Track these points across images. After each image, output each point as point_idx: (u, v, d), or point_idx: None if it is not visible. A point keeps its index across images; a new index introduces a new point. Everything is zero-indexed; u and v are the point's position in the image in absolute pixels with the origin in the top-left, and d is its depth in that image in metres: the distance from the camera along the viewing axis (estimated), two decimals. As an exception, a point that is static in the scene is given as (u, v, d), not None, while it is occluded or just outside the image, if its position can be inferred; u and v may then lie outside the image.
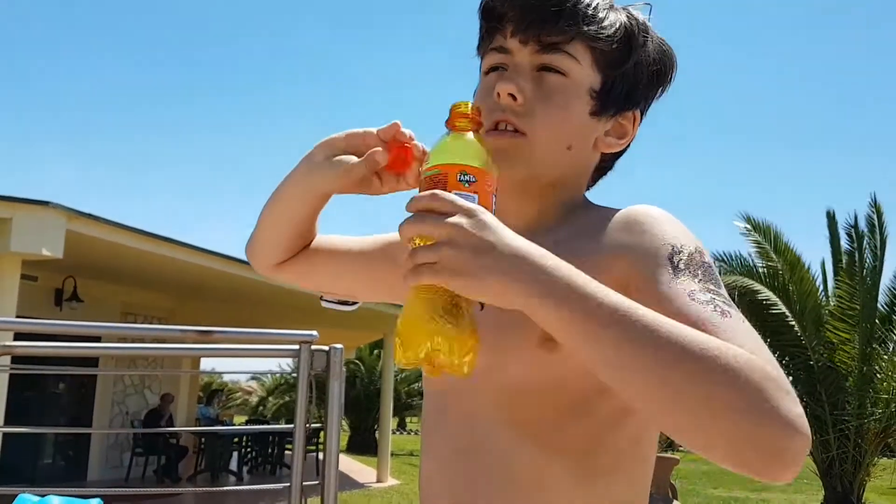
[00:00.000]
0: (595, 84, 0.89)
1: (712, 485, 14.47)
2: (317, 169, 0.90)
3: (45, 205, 6.71)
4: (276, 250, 1.04)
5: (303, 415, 2.65)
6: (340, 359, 2.68)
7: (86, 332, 2.92)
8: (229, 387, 30.61)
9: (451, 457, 0.89)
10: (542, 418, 0.83)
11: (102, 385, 10.91)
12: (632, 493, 0.85)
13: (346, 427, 21.66)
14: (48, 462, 10.46)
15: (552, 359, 0.81)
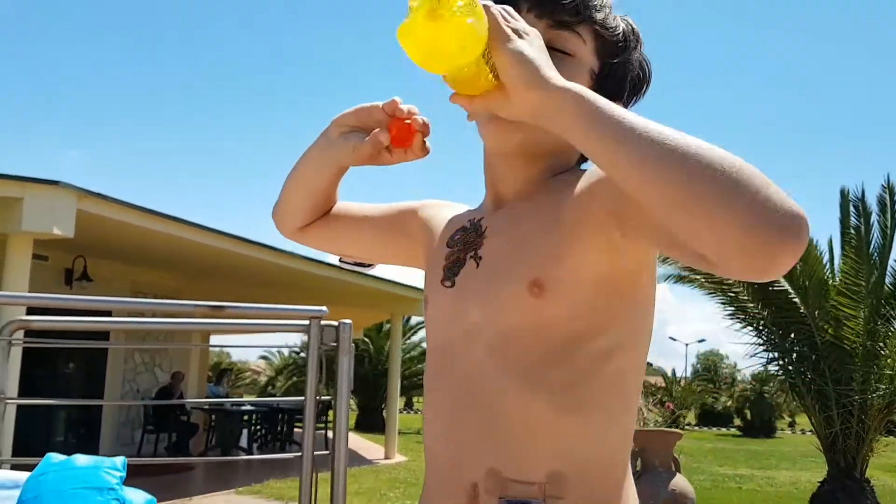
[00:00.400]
0: (595, 68, 0.97)
1: (717, 462, 14.58)
2: (331, 144, 1.00)
3: (56, 184, 6.76)
4: (298, 215, 1.14)
5: (313, 388, 2.70)
6: (349, 334, 2.73)
7: (97, 307, 2.97)
8: (238, 367, 30.80)
9: (449, 404, 0.95)
10: (529, 360, 0.89)
11: (113, 363, 11.03)
12: (610, 427, 0.91)
13: (354, 406, 21.82)
14: (60, 439, 10.60)
15: (539, 303, 0.88)
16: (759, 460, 15.57)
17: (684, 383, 29.62)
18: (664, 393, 20.81)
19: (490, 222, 0.99)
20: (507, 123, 0.91)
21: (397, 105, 0.94)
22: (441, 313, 1.00)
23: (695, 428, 27.06)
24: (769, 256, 0.67)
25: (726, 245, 0.68)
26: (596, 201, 0.87)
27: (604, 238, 0.87)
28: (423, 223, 1.13)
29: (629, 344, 0.92)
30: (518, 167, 0.98)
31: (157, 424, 11.16)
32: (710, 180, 0.67)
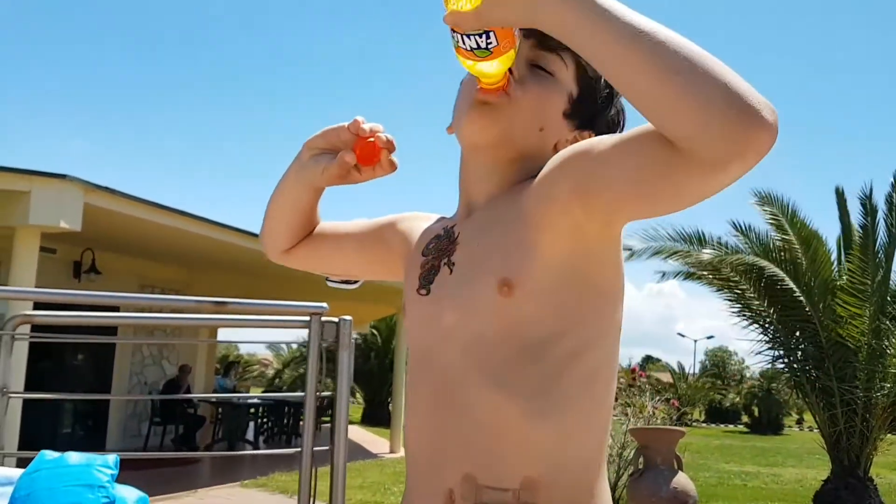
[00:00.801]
0: (573, 92, 1.01)
1: (724, 459, 14.57)
2: (304, 167, 1.05)
3: (63, 178, 6.80)
4: (282, 238, 1.19)
5: (313, 384, 2.72)
6: (349, 330, 2.75)
7: (102, 302, 3.00)
8: (246, 359, 30.93)
9: (426, 408, 0.97)
10: (500, 363, 0.91)
11: (121, 356, 11.10)
12: (582, 429, 0.92)
13: (361, 399, 21.88)
14: (67, 431, 10.69)
15: (508, 303, 0.90)
16: (765, 457, 15.54)
17: (692, 380, 29.54)
18: (671, 390, 20.78)
19: (462, 228, 1.01)
20: (487, 112, 0.95)
21: (360, 125, 0.98)
22: (418, 321, 1.02)
23: (702, 424, 27.02)
24: (751, 130, 0.70)
25: (711, 119, 0.70)
26: (557, 185, 0.88)
27: (568, 222, 0.87)
28: (401, 235, 1.15)
29: (598, 341, 0.93)
30: (491, 169, 1.00)
31: (165, 417, 11.23)
32: (695, 60, 0.72)
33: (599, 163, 0.83)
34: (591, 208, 0.85)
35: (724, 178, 0.75)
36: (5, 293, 4.28)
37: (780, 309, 7.54)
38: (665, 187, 0.78)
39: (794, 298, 7.43)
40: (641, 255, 8.22)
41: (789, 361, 7.88)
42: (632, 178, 0.80)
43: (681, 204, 0.81)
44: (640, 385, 8.19)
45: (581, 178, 0.85)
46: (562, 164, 0.89)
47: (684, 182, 0.76)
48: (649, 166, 0.78)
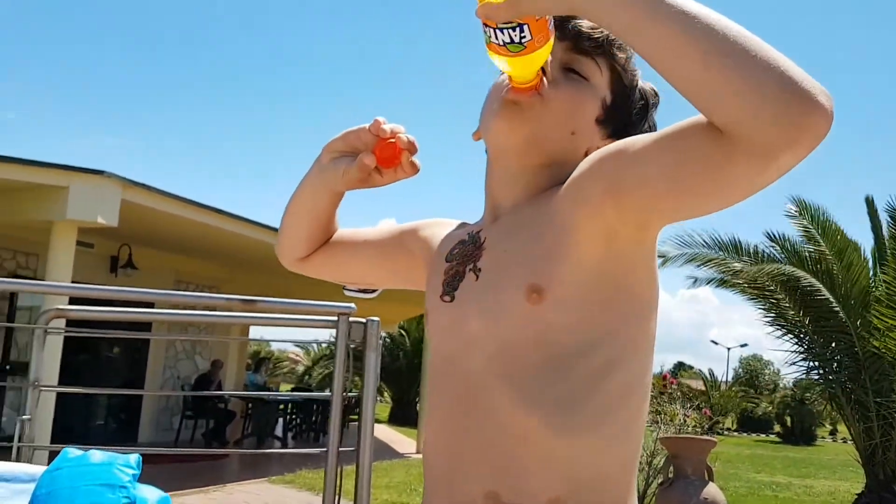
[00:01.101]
0: (607, 99, 0.98)
1: (755, 469, 14.34)
2: (323, 171, 1.02)
3: (101, 174, 6.92)
4: (299, 245, 1.16)
5: (340, 384, 2.73)
6: (377, 331, 2.75)
7: (134, 297, 3.04)
8: (276, 355, 31.22)
9: (448, 415, 0.94)
10: (528, 374, 0.87)
11: (155, 350, 11.26)
12: (612, 448, 0.88)
13: (389, 398, 21.94)
14: (100, 423, 10.88)
15: (537, 311, 0.86)
16: (797, 468, 15.27)
17: (724, 388, 29.14)
18: (703, 398, 20.52)
19: (489, 234, 0.98)
20: (518, 112, 0.92)
21: (380, 125, 0.94)
22: (441, 328, 0.99)
23: (733, 433, 26.64)
24: (806, 114, 0.67)
25: (765, 101, 0.67)
26: (590, 186, 0.85)
27: (601, 226, 0.85)
28: (423, 242, 1.12)
29: (632, 354, 0.89)
30: (519, 173, 0.97)
31: (196, 411, 11.36)
32: (746, 42, 0.69)
33: (635, 160, 0.80)
34: (626, 209, 0.82)
35: (773, 169, 0.71)
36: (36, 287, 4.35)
37: (816, 319, 7.40)
38: (707, 181, 0.75)
39: (830, 309, 7.28)
40: (675, 261, 8.11)
41: (824, 373, 7.72)
42: (670, 174, 0.77)
43: (723, 200, 0.77)
44: (672, 392, 8.07)
45: (615, 178, 0.82)
46: (595, 165, 0.86)
47: (730, 175, 0.73)
48: (691, 160, 0.75)
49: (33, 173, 6.68)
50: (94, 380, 10.11)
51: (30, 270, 9.26)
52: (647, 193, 0.80)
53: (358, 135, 0.97)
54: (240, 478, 8.45)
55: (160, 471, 8.08)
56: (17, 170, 6.58)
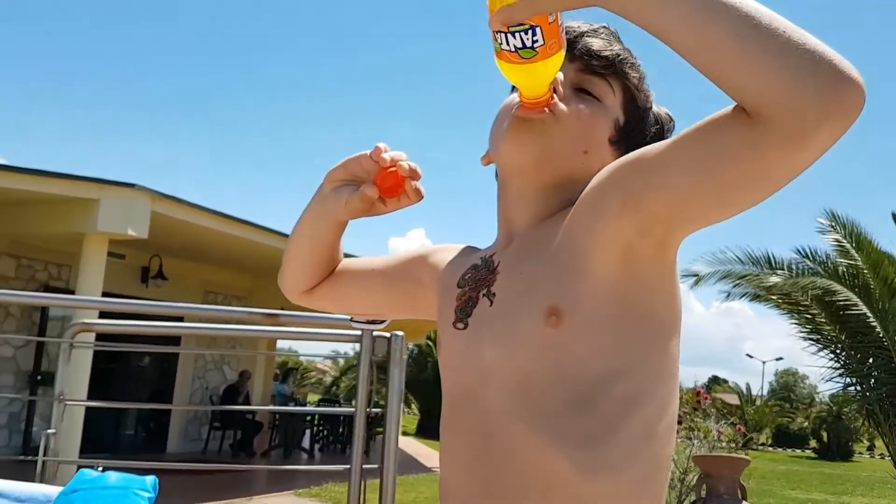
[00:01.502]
0: (620, 119, 0.95)
1: (790, 486, 14.03)
2: (326, 200, 0.98)
3: (131, 187, 7.00)
4: (303, 277, 1.12)
5: (363, 399, 2.69)
6: (401, 346, 2.71)
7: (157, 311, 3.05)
8: (304, 366, 31.35)
9: (465, 455, 0.89)
10: (548, 407, 0.82)
11: (184, 361, 11.35)
12: (639, 488, 0.83)
13: (417, 411, 21.88)
14: (130, 433, 10.97)
15: (557, 335, 0.81)
16: (833, 485, 14.91)
17: (760, 402, 28.66)
18: (738, 413, 20.19)
19: (502, 257, 0.94)
20: (528, 129, 0.89)
21: (381, 154, 0.91)
22: (455, 357, 0.94)
23: (768, 449, 26.17)
24: (839, 89, 0.65)
25: (797, 77, 0.65)
26: (606, 199, 0.81)
27: (619, 242, 0.81)
28: (431, 269, 1.08)
29: (654, 383, 0.83)
30: (532, 194, 0.93)
31: (224, 422, 11.41)
32: (775, 21, 0.67)
33: (654, 165, 0.77)
34: (646, 219, 0.78)
35: (811, 148, 0.68)
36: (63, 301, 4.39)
37: (853, 335, 7.21)
38: (741, 171, 0.71)
39: (866, 324, 7.10)
40: (709, 279, 7.97)
41: (862, 388, 7.51)
42: (698, 170, 0.73)
43: (759, 191, 0.73)
44: (705, 408, 7.91)
45: (633, 188, 0.78)
46: (610, 177, 0.82)
47: (766, 160, 0.69)
48: (719, 152, 0.72)
49: (65, 186, 6.77)
50: (125, 390, 10.22)
51: (62, 282, 9.39)
52: (671, 197, 0.76)
53: (359, 162, 0.93)
54: (266, 490, 8.45)
55: (189, 481, 8.11)
56: (50, 182, 6.67)
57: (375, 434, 8.97)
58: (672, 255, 0.84)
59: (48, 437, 2.64)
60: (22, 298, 6.51)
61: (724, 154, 0.71)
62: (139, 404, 11.36)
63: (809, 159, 0.69)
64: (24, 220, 7.54)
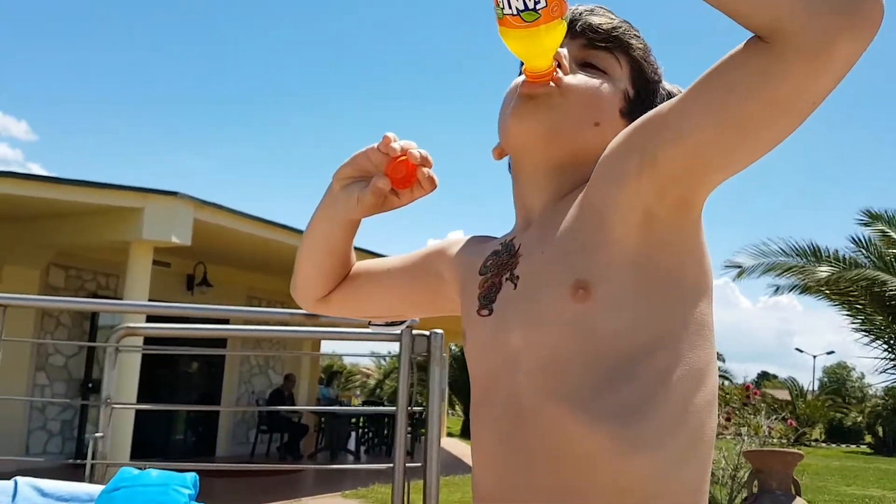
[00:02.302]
0: (629, 91, 0.92)
1: (845, 482, 13.67)
2: (336, 200, 0.96)
3: (174, 195, 7.12)
4: (318, 284, 1.09)
5: (404, 398, 2.69)
6: (441, 344, 2.70)
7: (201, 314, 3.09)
8: (348, 369, 31.59)
9: (496, 443, 0.87)
10: (581, 384, 0.79)
11: (230, 365, 11.52)
12: (683, 462, 0.79)
13: (460, 412, 21.88)
14: (180, 438, 11.17)
15: (585, 310, 0.79)
16: (891, 480, 14.49)
17: (811, 397, 28.04)
18: (788, 408, 19.76)
19: (523, 240, 0.91)
20: (535, 105, 0.87)
21: (389, 143, 0.88)
22: (481, 345, 0.92)
23: (821, 444, 25.57)
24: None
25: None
26: (622, 162, 0.79)
27: (638, 207, 0.78)
28: (451, 261, 1.05)
29: (689, 353, 0.80)
30: (546, 174, 0.91)
31: (271, 425, 11.55)
32: None
33: (668, 120, 0.75)
34: (666, 178, 0.76)
35: (833, 65, 0.65)
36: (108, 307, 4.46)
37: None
38: (764, 101, 0.68)
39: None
40: (753, 272, 7.81)
41: (919, 380, 7.29)
42: (711, 112, 0.71)
43: (785, 120, 0.71)
44: (755, 404, 7.75)
45: (649, 146, 0.76)
46: (624, 140, 0.80)
47: (787, 83, 0.67)
48: (732, 88, 0.69)
49: (110, 196, 6.92)
50: (173, 395, 10.40)
51: (110, 290, 9.60)
52: (689, 148, 0.74)
53: (367, 156, 0.91)
54: (314, 492, 8.52)
55: (237, 483, 8.20)
56: (95, 193, 6.82)
57: (420, 435, 8.99)
58: (696, 214, 0.81)
59: (96, 441, 2.68)
60: (67, 304, 6.67)
61: (742, 87, 0.69)
62: (184, 406, 11.56)
63: (831, 79, 0.66)
64: (71, 231, 7.73)
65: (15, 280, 8.08)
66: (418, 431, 12.05)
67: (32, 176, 7.28)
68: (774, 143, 0.73)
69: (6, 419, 8.15)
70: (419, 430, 12.01)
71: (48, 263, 8.74)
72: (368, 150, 0.91)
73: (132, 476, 1.31)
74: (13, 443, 8.25)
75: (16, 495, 1.39)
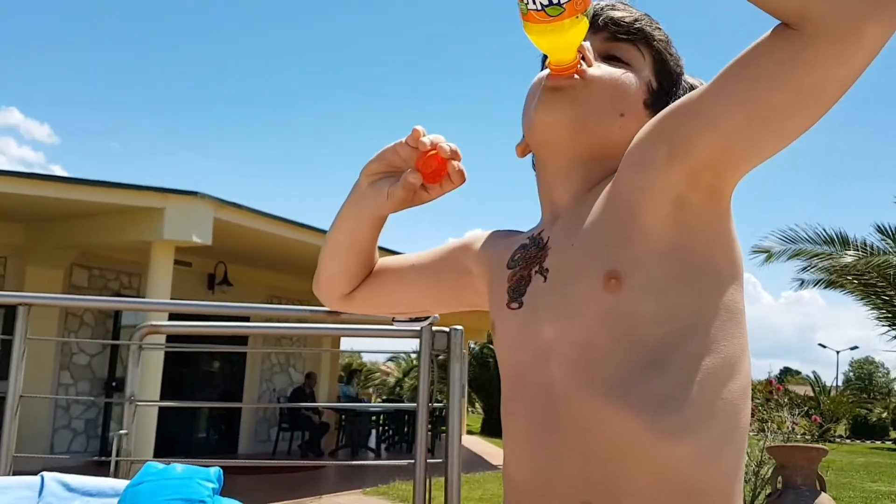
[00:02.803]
0: (653, 83, 0.92)
1: (870, 478, 13.49)
2: (364, 196, 0.96)
3: (194, 195, 7.17)
4: (343, 281, 1.09)
5: (425, 394, 2.69)
6: (461, 340, 2.70)
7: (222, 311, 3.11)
8: (368, 367, 31.68)
9: (529, 435, 0.86)
10: (617, 373, 0.78)
11: (251, 363, 11.60)
12: (721, 449, 0.79)
13: (480, 410, 21.87)
14: (202, 436, 11.26)
15: (617, 300, 0.79)
16: (919, 478, 14.29)
17: (835, 393, 27.74)
18: (812, 404, 19.54)
19: (551, 233, 0.91)
20: (559, 96, 0.87)
21: (419, 137, 0.88)
22: (511, 338, 0.91)
23: (846, 440, 25.29)
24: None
25: None
26: (651, 151, 0.79)
27: (667, 194, 0.78)
28: (478, 255, 1.05)
29: (722, 340, 0.80)
30: (572, 166, 0.91)
31: (292, 423, 11.61)
32: None
33: (696, 108, 0.75)
34: (695, 166, 0.76)
35: (857, 51, 0.65)
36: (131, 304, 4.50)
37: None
38: (793, 86, 0.68)
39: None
40: (780, 256, 7.75)
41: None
42: (739, 100, 0.71)
43: (804, 114, 0.71)
44: (778, 399, 7.68)
45: (678, 134, 0.76)
46: (652, 129, 0.80)
47: (816, 67, 0.67)
48: (760, 77, 0.69)
49: (131, 196, 6.98)
50: (196, 393, 10.49)
51: (132, 290, 9.69)
52: (718, 136, 0.74)
53: (396, 151, 0.91)
54: (335, 489, 8.55)
55: (260, 481, 8.25)
56: (117, 194, 6.89)
57: (440, 433, 8.99)
58: (726, 202, 0.81)
59: (120, 438, 2.71)
60: (89, 303, 6.73)
61: (770, 75, 0.68)
62: (205, 403, 11.65)
63: (859, 64, 0.66)
64: (93, 232, 7.80)
65: (39, 280, 8.17)
66: (438, 429, 12.06)
67: (55, 177, 7.38)
68: (801, 131, 0.73)
69: (31, 418, 8.25)
70: (439, 427, 12.02)
71: (71, 264, 8.84)
72: (397, 144, 0.91)
73: (157, 470, 1.32)
74: (38, 441, 8.36)
75: (42, 491, 1.40)
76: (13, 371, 2.70)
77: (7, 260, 8.52)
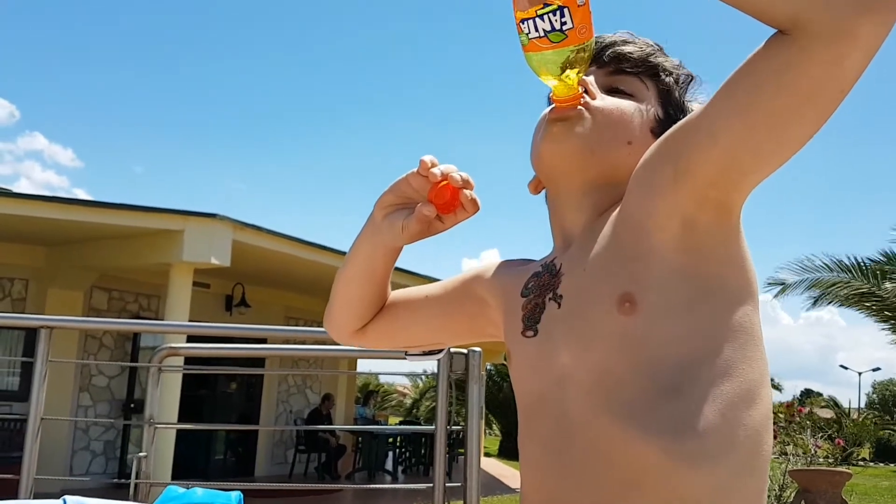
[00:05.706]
0: (660, 114, 0.93)
1: (895, 502, 13.24)
2: (379, 229, 0.96)
3: (213, 217, 7.23)
4: (356, 315, 1.08)
5: (443, 416, 2.68)
6: (479, 362, 2.69)
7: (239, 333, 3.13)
8: (385, 388, 31.58)
9: (546, 460, 0.85)
10: (633, 400, 0.78)
11: (268, 385, 11.60)
12: (741, 477, 0.77)
13: (498, 432, 21.71)
14: (219, 458, 11.25)
15: (633, 324, 0.78)
16: (946, 503, 13.99)
17: (857, 416, 27.30)
18: (835, 427, 19.25)
19: (564, 260, 0.91)
20: (565, 128, 0.88)
21: (428, 168, 0.88)
22: (527, 366, 0.91)
23: (869, 464, 24.83)
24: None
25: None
26: (657, 174, 0.79)
27: (675, 215, 0.78)
28: (491, 284, 1.04)
29: (741, 362, 0.78)
30: (582, 195, 0.91)
31: (309, 445, 11.57)
32: None
33: (698, 126, 0.75)
34: (701, 185, 0.76)
35: (858, 48, 0.65)
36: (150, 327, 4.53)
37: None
38: (791, 93, 0.69)
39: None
40: (795, 288, 7.67)
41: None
42: (738, 112, 0.72)
43: (805, 121, 0.71)
44: (800, 421, 7.57)
45: (681, 154, 0.76)
46: (657, 150, 0.80)
47: (812, 71, 0.67)
48: (758, 86, 0.70)
49: (151, 219, 7.05)
50: (213, 415, 10.49)
51: (151, 312, 9.75)
52: (721, 152, 0.74)
53: (408, 182, 0.91)
54: (352, 512, 8.50)
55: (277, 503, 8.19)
56: (137, 216, 6.96)
57: (458, 455, 8.91)
58: (735, 220, 0.81)
59: (139, 461, 2.72)
60: (109, 325, 6.77)
61: (768, 83, 0.69)
62: (223, 426, 11.64)
63: (856, 64, 0.66)
64: (113, 254, 7.88)
65: (59, 303, 8.25)
66: (455, 451, 11.97)
67: (75, 200, 7.47)
68: (804, 139, 0.73)
69: (51, 439, 8.29)
70: (457, 449, 11.94)
71: (91, 286, 8.92)
72: (409, 175, 0.91)
73: (178, 495, 1.32)
74: (58, 463, 8.39)
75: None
76: (34, 393, 2.72)
77: (28, 283, 8.61)
